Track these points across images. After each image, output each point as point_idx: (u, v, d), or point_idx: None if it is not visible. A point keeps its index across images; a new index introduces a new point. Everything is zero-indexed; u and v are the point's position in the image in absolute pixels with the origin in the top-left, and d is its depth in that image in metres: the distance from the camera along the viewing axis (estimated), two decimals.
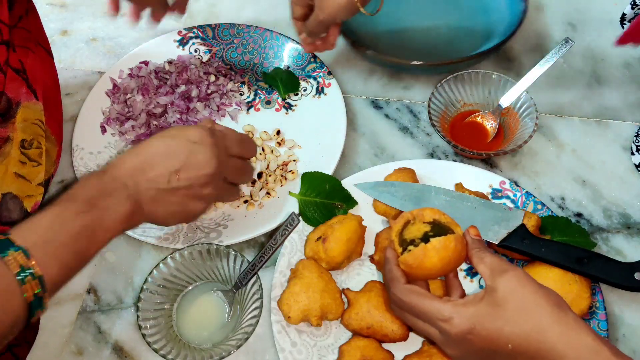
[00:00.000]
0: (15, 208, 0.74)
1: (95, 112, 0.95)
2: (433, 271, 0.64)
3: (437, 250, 0.63)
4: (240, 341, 0.71)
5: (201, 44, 1.02)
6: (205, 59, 1.01)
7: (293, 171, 0.88)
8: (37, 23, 0.83)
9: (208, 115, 0.95)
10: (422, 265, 0.63)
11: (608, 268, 0.73)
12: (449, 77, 0.90)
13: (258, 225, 0.83)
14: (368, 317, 0.72)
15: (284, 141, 0.92)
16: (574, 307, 0.71)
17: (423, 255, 0.63)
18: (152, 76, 0.97)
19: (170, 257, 0.76)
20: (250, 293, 0.75)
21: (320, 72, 0.97)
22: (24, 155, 0.77)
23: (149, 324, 0.73)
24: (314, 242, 0.78)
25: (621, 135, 0.92)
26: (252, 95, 0.98)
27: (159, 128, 0.93)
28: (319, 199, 0.83)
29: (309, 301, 0.72)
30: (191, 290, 0.79)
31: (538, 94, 0.92)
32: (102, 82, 0.98)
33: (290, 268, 0.78)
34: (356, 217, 0.78)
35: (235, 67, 1.01)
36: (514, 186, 0.83)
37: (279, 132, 0.93)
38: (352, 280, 0.79)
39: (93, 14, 1.12)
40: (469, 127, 0.91)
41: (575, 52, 1.01)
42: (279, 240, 0.74)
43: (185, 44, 1.02)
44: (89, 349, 0.78)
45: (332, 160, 0.87)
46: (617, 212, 0.86)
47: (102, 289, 0.82)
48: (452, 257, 0.63)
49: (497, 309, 0.58)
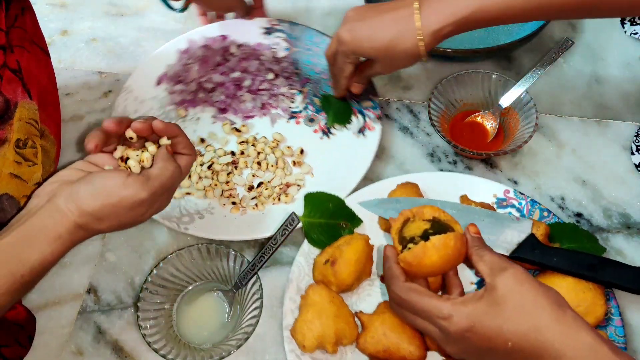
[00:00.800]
0: (12, 209, 0.73)
1: (160, 63, 0.97)
2: (433, 269, 0.64)
3: (437, 248, 0.63)
4: (240, 341, 0.71)
5: (284, 39, 1.00)
6: (281, 55, 0.99)
7: (289, 195, 0.86)
8: (33, 21, 0.83)
9: (251, 108, 0.95)
10: (421, 263, 0.63)
11: (620, 273, 0.72)
12: (449, 77, 0.90)
13: (230, 229, 0.82)
14: (384, 339, 0.71)
15: (302, 164, 0.89)
16: (589, 315, 0.71)
17: (423, 253, 0.63)
18: (218, 53, 0.97)
19: (170, 257, 0.76)
20: (250, 293, 0.75)
21: (372, 112, 0.91)
22: (19, 155, 0.76)
23: (149, 324, 0.73)
24: (322, 265, 0.76)
25: (621, 135, 0.92)
26: (301, 107, 0.95)
27: (204, 101, 0.95)
28: (323, 220, 0.81)
29: (322, 328, 0.71)
30: (191, 290, 0.79)
31: (538, 94, 0.92)
32: (182, 40, 0.99)
33: (300, 294, 0.76)
34: (363, 236, 0.77)
35: (302, 74, 0.98)
36: (518, 194, 0.83)
37: (302, 151, 0.90)
38: (364, 302, 0.78)
39: (93, 14, 1.12)
40: (469, 127, 0.91)
41: (575, 52, 1.01)
42: (279, 240, 0.74)
43: (270, 34, 1.01)
44: (89, 349, 0.78)
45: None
46: (617, 212, 0.86)
47: (102, 289, 0.82)
48: (452, 255, 0.64)
49: (496, 307, 0.58)
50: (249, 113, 0.95)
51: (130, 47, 1.05)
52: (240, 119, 0.94)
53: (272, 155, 0.90)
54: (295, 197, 0.86)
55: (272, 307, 0.79)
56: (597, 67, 1.00)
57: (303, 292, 0.76)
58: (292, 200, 0.86)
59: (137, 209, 0.63)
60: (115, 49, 1.06)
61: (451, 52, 0.93)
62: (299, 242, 0.83)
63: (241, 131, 0.93)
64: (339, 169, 0.88)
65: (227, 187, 0.88)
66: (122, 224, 0.65)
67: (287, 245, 0.84)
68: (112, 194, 0.62)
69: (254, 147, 0.91)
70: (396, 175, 0.87)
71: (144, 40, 1.05)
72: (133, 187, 0.62)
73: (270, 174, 0.89)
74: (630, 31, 1.02)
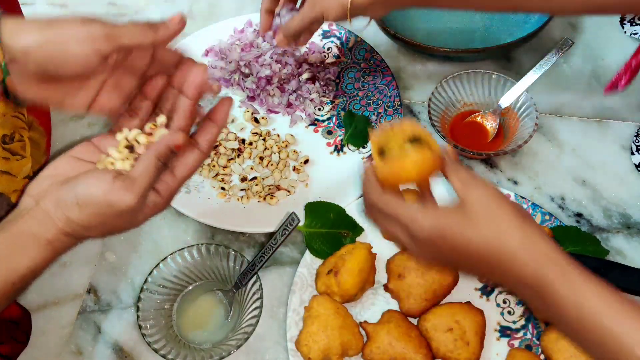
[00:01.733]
0: (2, 205, 0.72)
1: (214, 35, 1.01)
2: (409, 181, 0.65)
3: (414, 161, 0.63)
4: (240, 341, 0.71)
5: (336, 47, 1.00)
6: (329, 61, 0.99)
7: (275, 198, 0.86)
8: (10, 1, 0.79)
9: (277, 104, 0.95)
10: (398, 174, 0.64)
11: (625, 276, 0.72)
12: (449, 77, 0.90)
13: (208, 212, 0.82)
14: (390, 349, 0.71)
15: (301, 171, 0.89)
16: None
17: (400, 165, 0.64)
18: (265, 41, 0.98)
19: (170, 257, 0.76)
20: (250, 293, 0.75)
21: None
22: (6, 150, 0.74)
23: (149, 324, 0.73)
24: (325, 276, 0.76)
25: (621, 135, 0.92)
26: (325, 117, 0.94)
27: (237, 84, 0.97)
28: (324, 230, 0.81)
29: (328, 340, 0.71)
30: (191, 290, 0.79)
31: (538, 94, 0.92)
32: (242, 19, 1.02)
33: (304, 305, 0.76)
34: (365, 245, 0.77)
35: (341, 85, 0.97)
36: (519, 198, 0.83)
37: (307, 161, 0.90)
38: (368, 311, 0.77)
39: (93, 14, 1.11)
40: (469, 127, 0.91)
41: (575, 52, 1.01)
42: (279, 240, 0.74)
43: (327, 38, 1.01)
44: (89, 349, 0.78)
45: None
46: (617, 212, 0.86)
47: (102, 289, 0.82)
48: (427, 170, 0.64)
49: (464, 216, 0.59)
50: (275, 108, 0.95)
51: None
52: (265, 111, 0.95)
53: (276, 155, 0.90)
54: (280, 201, 0.86)
55: (272, 307, 0.79)
56: (597, 67, 1.00)
57: (306, 303, 0.76)
58: (276, 204, 0.86)
59: (124, 216, 0.60)
60: None
61: (451, 52, 0.93)
62: (299, 242, 0.83)
63: (260, 122, 0.93)
64: (337, 185, 0.87)
65: (223, 172, 0.88)
66: (113, 230, 0.62)
67: (287, 245, 0.84)
68: (97, 203, 0.58)
69: (263, 142, 0.91)
70: None
71: None
72: (118, 193, 0.57)
73: (268, 171, 0.89)
74: (630, 31, 1.02)
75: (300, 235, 0.83)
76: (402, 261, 0.76)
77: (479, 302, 0.76)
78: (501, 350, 0.74)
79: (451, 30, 1.03)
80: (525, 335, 0.75)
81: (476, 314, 0.73)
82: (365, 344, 0.73)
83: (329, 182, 0.88)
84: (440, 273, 0.75)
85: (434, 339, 0.72)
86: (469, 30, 1.03)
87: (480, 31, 1.03)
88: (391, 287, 0.77)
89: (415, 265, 0.75)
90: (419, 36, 1.01)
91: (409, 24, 1.02)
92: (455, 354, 0.71)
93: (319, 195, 0.85)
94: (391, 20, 0.99)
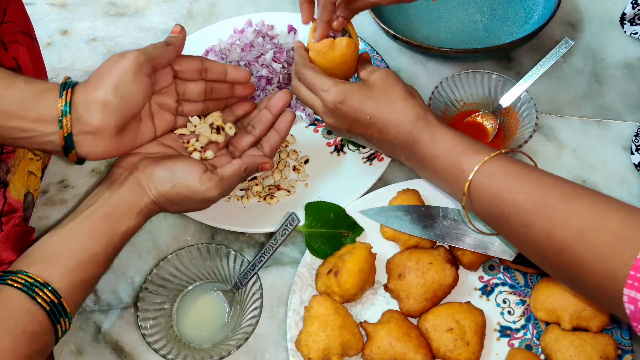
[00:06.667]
0: (30, 204, 0.75)
1: (213, 35, 1.01)
2: (333, 63, 0.78)
3: (340, 45, 0.77)
4: (240, 341, 0.71)
5: None
6: None
7: (275, 198, 0.86)
8: (18, 9, 0.82)
9: None
10: (326, 54, 0.77)
11: None
12: (449, 77, 0.90)
13: (207, 212, 0.80)
14: (390, 349, 0.71)
15: (301, 171, 0.89)
16: (595, 319, 0.71)
17: (329, 45, 0.77)
18: (267, 41, 0.98)
19: (170, 256, 0.76)
20: (250, 293, 0.75)
21: None
22: (30, 151, 0.77)
23: (149, 324, 0.73)
24: (325, 276, 0.76)
25: (621, 135, 0.92)
26: None
27: None
28: (324, 230, 0.81)
29: (328, 340, 0.71)
30: (191, 290, 0.79)
31: (538, 94, 0.92)
32: (242, 19, 1.02)
33: (304, 305, 0.76)
34: (365, 245, 0.77)
35: None
36: None
37: (307, 161, 0.90)
38: (368, 311, 0.78)
39: (93, 14, 1.12)
40: (469, 127, 0.91)
41: (575, 52, 1.01)
42: (279, 240, 0.74)
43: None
44: (89, 348, 0.78)
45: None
46: None
47: (102, 289, 0.82)
48: (348, 58, 0.78)
49: (364, 89, 0.75)
50: None
51: (130, 47, 1.05)
52: None
53: (276, 155, 0.90)
54: (280, 201, 0.86)
55: (272, 307, 0.79)
56: (597, 67, 1.00)
57: (306, 303, 0.76)
58: (276, 204, 0.86)
59: (205, 203, 0.73)
60: (115, 49, 1.06)
61: (451, 52, 0.93)
62: (299, 242, 0.83)
63: None
64: (336, 186, 0.87)
65: None
66: (188, 210, 0.76)
67: (287, 245, 0.84)
68: (189, 186, 0.70)
69: None
70: (397, 178, 0.87)
71: (143, 40, 1.05)
72: (207, 184, 0.71)
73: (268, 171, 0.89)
74: (630, 31, 1.02)
75: (300, 235, 0.83)
76: (402, 261, 0.76)
77: (479, 302, 0.76)
78: (501, 350, 0.74)
79: (451, 30, 1.03)
80: (525, 335, 0.75)
81: (476, 314, 0.73)
82: (365, 344, 0.73)
83: (329, 182, 0.88)
84: (441, 273, 0.75)
85: (434, 339, 0.72)
86: (469, 30, 1.03)
87: (480, 31, 1.03)
88: (391, 287, 0.77)
89: (415, 265, 0.75)
90: (419, 36, 1.01)
91: (409, 24, 1.03)
92: (455, 354, 0.71)
93: (319, 195, 0.85)
94: (391, 20, 0.99)
